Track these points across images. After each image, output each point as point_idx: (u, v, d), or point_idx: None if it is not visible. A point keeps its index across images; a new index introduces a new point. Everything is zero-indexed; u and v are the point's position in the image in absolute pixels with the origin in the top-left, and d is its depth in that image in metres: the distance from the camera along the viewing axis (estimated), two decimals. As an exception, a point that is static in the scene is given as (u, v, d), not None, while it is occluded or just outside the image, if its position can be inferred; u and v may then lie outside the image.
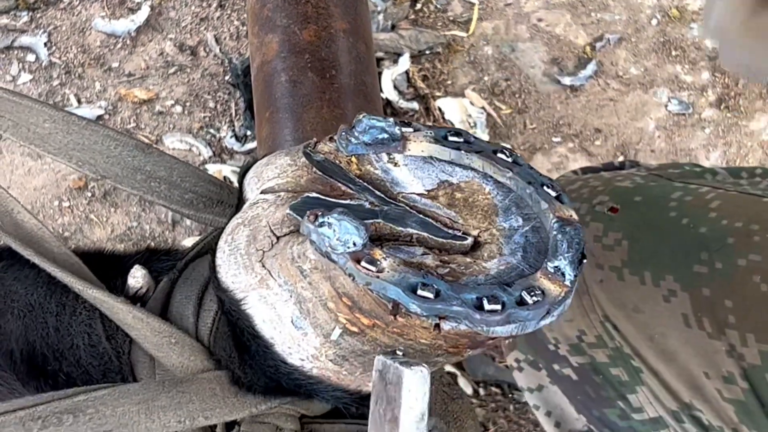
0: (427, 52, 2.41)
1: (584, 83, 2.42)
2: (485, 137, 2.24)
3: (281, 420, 0.86)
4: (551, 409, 1.22)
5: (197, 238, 0.92)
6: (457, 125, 2.30)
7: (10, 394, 0.91)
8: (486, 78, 2.41)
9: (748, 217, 1.08)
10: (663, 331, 1.08)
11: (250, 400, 0.82)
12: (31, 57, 2.34)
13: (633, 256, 1.12)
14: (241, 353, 0.79)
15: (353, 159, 0.74)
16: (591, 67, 2.43)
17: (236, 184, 0.83)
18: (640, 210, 1.17)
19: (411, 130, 0.75)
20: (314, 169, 0.73)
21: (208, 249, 0.90)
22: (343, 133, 0.74)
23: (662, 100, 2.43)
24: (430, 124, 2.27)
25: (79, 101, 2.29)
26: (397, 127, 0.74)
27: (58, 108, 0.93)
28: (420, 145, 0.75)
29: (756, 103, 2.43)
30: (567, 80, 2.41)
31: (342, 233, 0.61)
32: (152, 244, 2.12)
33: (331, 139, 0.76)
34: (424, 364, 0.59)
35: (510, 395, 2.09)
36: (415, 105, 2.34)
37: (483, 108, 2.35)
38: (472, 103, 2.35)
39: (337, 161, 0.74)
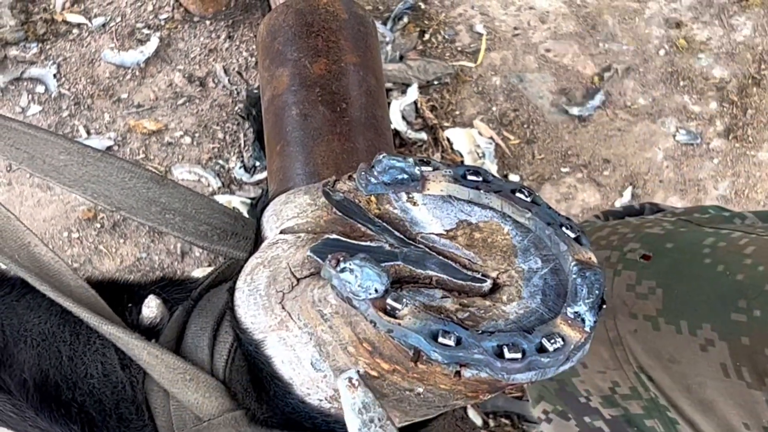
0: (436, 82, 2.42)
1: (592, 113, 2.42)
2: (494, 168, 2.24)
3: None
4: None
5: (207, 270, 0.92)
6: (466, 156, 2.30)
7: (24, 422, 0.91)
8: (494, 108, 2.41)
9: None
10: (700, 381, 1.06)
11: None
12: (40, 88, 2.35)
13: (668, 305, 1.10)
14: (258, 389, 0.79)
15: (372, 198, 0.74)
16: (599, 98, 2.43)
17: (246, 215, 0.82)
18: (673, 257, 1.15)
19: (430, 169, 0.75)
20: (334, 209, 0.73)
21: (222, 279, 0.90)
22: (363, 173, 0.73)
23: (670, 131, 2.43)
24: (438, 154, 2.27)
25: (88, 132, 2.30)
26: (417, 168, 0.73)
27: (74, 140, 0.93)
28: (439, 185, 0.74)
29: (764, 133, 2.43)
30: (575, 110, 2.42)
31: (364, 279, 0.60)
32: (161, 274, 2.11)
33: (350, 178, 0.75)
34: None
35: (519, 426, 2.08)
36: (423, 135, 2.34)
37: (491, 138, 2.35)
38: (480, 134, 2.35)
39: (357, 200, 0.73)
